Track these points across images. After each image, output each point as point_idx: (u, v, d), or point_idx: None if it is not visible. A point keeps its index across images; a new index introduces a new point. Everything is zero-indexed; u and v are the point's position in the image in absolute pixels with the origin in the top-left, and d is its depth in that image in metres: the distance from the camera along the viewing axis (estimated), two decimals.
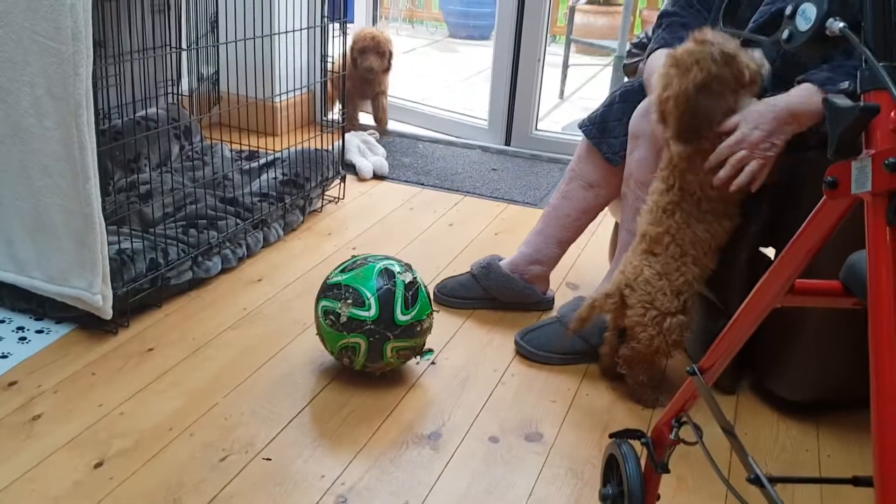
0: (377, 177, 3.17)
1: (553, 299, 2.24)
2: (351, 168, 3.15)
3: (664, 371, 1.94)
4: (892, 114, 0.83)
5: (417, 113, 3.89)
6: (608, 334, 1.87)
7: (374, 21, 4.08)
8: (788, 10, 0.97)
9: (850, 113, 0.84)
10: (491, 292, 2.17)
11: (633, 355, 1.80)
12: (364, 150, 3.26)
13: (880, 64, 0.85)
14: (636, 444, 1.38)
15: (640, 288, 1.74)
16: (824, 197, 0.92)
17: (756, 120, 1.61)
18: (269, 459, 1.57)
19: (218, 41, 3.10)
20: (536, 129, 3.59)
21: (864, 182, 0.85)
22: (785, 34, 0.97)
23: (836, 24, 0.90)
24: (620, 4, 6.12)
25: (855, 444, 1.75)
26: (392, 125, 3.81)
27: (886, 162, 0.81)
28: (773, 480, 1.07)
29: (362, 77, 3.56)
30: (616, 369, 1.88)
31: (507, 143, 3.59)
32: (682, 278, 1.73)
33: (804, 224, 0.98)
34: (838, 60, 1.62)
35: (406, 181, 3.15)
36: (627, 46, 3.83)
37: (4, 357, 1.83)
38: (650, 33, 2.04)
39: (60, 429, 1.61)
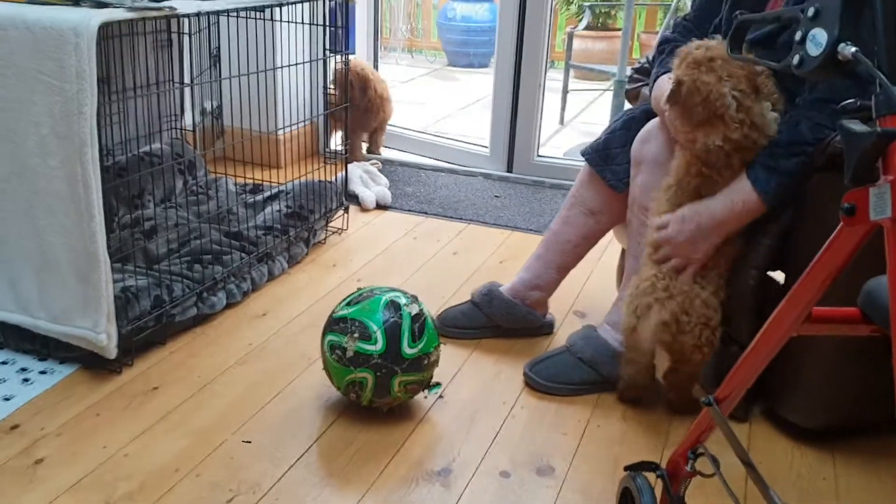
0: (380, 206, 3.16)
1: (553, 323, 2.23)
2: (354, 198, 3.14)
3: None
4: None
5: (419, 142, 3.89)
6: (634, 355, 1.84)
7: (376, 51, 4.09)
8: (798, 36, 0.96)
9: (867, 138, 0.83)
10: (494, 319, 2.15)
11: (682, 378, 1.82)
12: (367, 181, 3.26)
13: None
14: (651, 476, 1.35)
15: (698, 312, 1.73)
16: (841, 223, 0.91)
17: (680, 225, 1.71)
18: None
19: (220, 75, 3.11)
20: (538, 155, 3.58)
21: (883, 208, 0.83)
22: (795, 59, 0.96)
23: (848, 49, 0.89)
24: (618, 29, 6.16)
25: (873, 470, 1.71)
26: (394, 154, 3.81)
27: None
28: None
29: (361, 109, 3.54)
30: (638, 391, 1.89)
31: (509, 169, 3.59)
32: (723, 293, 1.76)
33: (821, 251, 0.96)
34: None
35: (409, 210, 3.14)
36: (628, 71, 3.84)
37: (7, 399, 1.80)
38: (651, 58, 2.05)
39: (64, 472, 1.58)
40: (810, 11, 0.94)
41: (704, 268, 1.74)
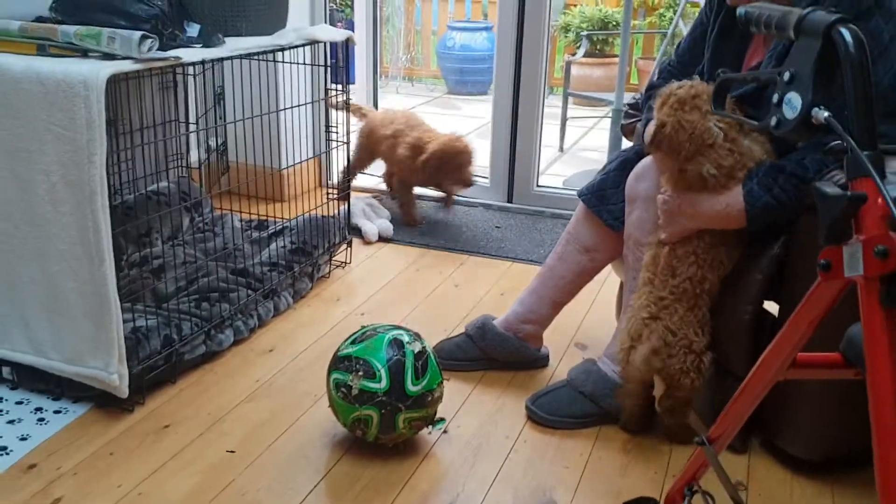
0: (382, 239, 3.21)
1: (548, 356, 2.27)
2: (357, 231, 3.19)
3: None
4: (879, 201, 0.87)
5: None
6: (632, 386, 1.89)
7: (375, 83, 4.14)
8: (775, 99, 1.01)
9: (839, 202, 0.88)
10: (487, 352, 2.20)
11: (676, 404, 1.86)
12: (369, 214, 3.31)
13: (864, 153, 0.89)
14: None
15: (680, 333, 1.79)
16: (819, 278, 0.96)
17: (671, 197, 1.79)
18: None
19: (225, 113, 3.17)
20: (538, 185, 3.64)
21: (855, 266, 0.89)
22: (773, 121, 1.02)
23: (821, 114, 0.95)
24: (616, 56, 6.24)
25: (869, 500, 1.75)
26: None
27: (876, 249, 0.85)
28: None
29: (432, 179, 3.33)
30: (640, 421, 1.93)
31: (510, 200, 3.64)
32: (702, 311, 1.81)
33: (801, 302, 1.01)
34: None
35: (411, 243, 3.20)
36: (626, 98, 3.89)
37: (23, 440, 1.85)
38: (640, 102, 2.12)
39: None
40: (786, 75, 0.99)
41: (679, 265, 1.79)
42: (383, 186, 3.82)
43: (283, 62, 2.63)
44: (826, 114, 0.94)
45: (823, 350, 1.13)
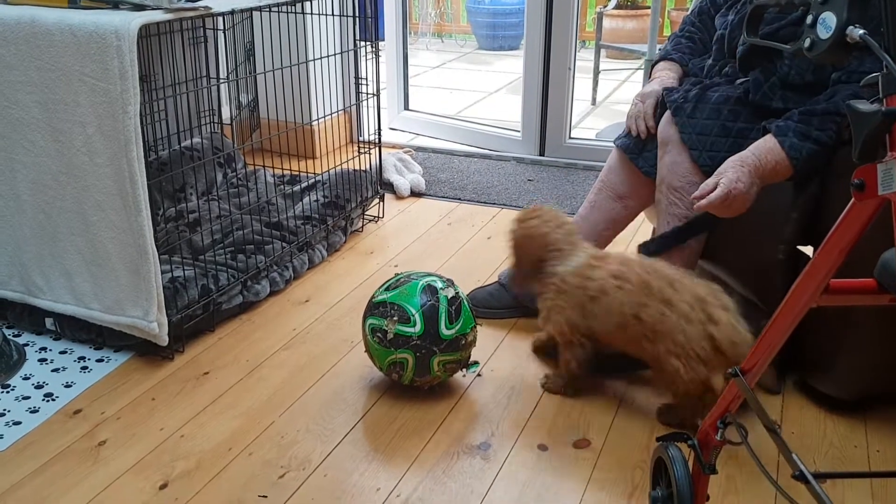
0: (415, 194, 3.22)
1: None
2: (389, 186, 3.20)
3: None
4: None
5: (451, 128, 3.94)
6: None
7: (405, 38, 4.12)
8: (809, 20, 1.00)
9: (873, 118, 0.87)
10: (520, 300, 2.21)
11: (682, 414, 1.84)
12: (401, 169, 3.32)
13: None
14: (683, 446, 1.40)
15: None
16: (852, 199, 0.95)
17: (736, 175, 1.66)
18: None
19: (255, 69, 3.19)
20: (570, 137, 3.62)
21: (890, 183, 0.88)
22: (807, 43, 1.00)
23: (857, 32, 0.93)
24: (648, 7, 6.13)
25: None
26: (426, 142, 3.86)
27: None
28: (819, 476, 1.09)
29: None
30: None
31: (542, 153, 3.62)
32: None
33: (835, 225, 1.00)
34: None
35: (443, 197, 3.20)
36: (658, 49, 3.84)
37: (68, 386, 1.91)
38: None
39: (125, 453, 1.68)
40: None
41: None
42: (415, 143, 3.83)
43: (311, 14, 2.63)
44: (861, 31, 0.92)
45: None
